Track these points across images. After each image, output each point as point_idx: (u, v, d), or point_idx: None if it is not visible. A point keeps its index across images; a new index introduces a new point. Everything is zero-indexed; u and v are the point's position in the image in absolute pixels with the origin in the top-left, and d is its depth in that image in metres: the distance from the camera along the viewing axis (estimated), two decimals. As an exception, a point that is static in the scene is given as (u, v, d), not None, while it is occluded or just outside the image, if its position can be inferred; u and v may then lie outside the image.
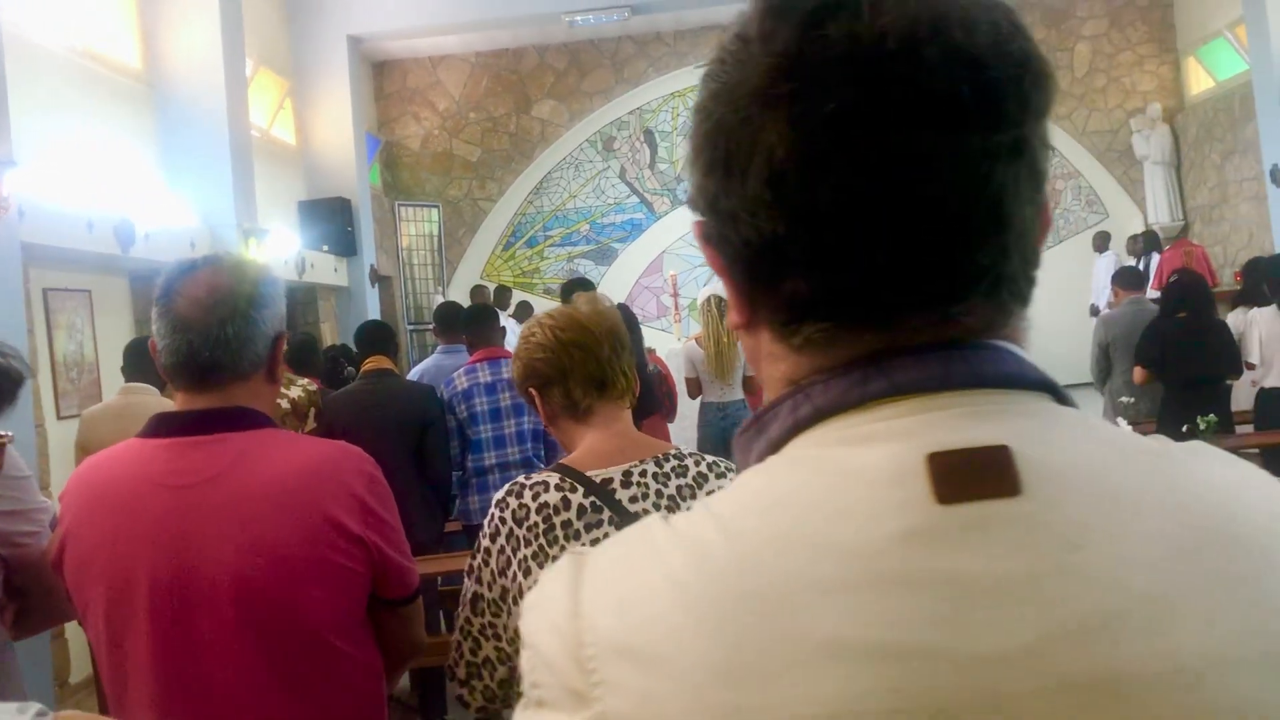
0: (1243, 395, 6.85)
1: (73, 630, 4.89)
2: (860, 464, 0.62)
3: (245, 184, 8.81)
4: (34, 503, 2.12)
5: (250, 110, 9.46)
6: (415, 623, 1.97)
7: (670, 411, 6.65)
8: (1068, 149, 14.13)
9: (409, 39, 13.15)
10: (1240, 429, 6.58)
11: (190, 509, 1.73)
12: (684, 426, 7.30)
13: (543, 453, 4.97)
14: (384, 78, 14.32)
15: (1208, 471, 0.65)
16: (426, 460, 4.96)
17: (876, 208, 0.61)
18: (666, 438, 6.00)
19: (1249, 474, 0.67)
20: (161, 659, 1.74)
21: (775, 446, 0.67)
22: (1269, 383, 6.58)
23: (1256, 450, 6.45)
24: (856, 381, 0.65)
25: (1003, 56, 0.62)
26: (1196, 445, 0.68)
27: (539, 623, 0.66)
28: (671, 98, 14.34)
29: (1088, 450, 0.64)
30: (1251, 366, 6.64)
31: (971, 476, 0.61)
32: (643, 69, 14.23)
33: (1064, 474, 0.62)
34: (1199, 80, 13.59)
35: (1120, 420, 6.76)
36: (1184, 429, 5.74)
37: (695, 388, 6.86)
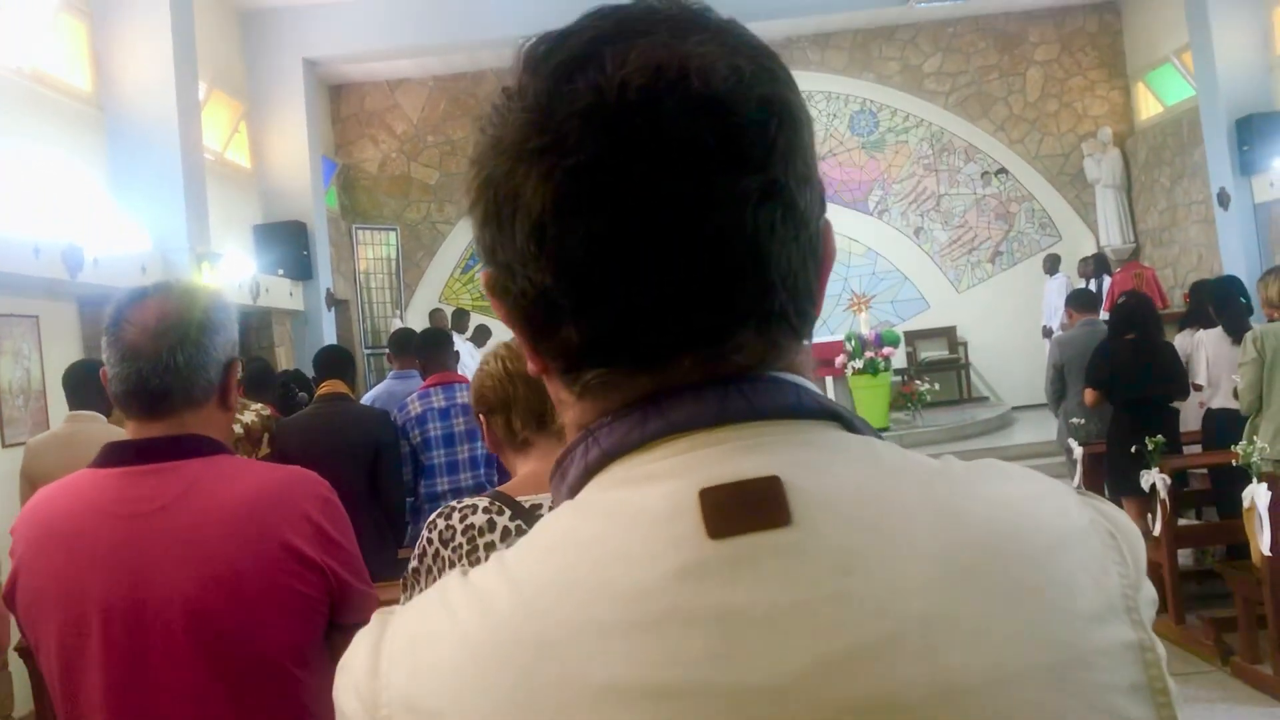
0: (1191, 416, 6.95)
1: (16, 664, 4.78)
2: (640, 504, 0.63)
3: (198, 208, 8.72)
4: None
5: (204, 133, 9.37)
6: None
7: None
8: (1021, 173, 14.33)
9: (366, 62, 13.12)
10: (1188, 449, 6.67)
11: (143, 538, 1.71)
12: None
13: (496, 478, 4.92)
14: (341, 101, 14.26)
15: (991, 489, 0.66)
16: (379, 486, 4.91)
17: (629, 254, 0.62)
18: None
19: (1042, 489, 0.67)
20: (116, 690, 1.71)
21: (572, 491, 0.68)
22: (1216, 403, 6.67)
23: (1205, 470, 6.54)
24: (636, 422, 0.66)
25: (745, 102, 0.63)
26: (985, 464, 0.68)
27: (344, 684, 0.67)
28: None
29: (864, 476, 0.64)
30: (1199, 388, 6.74)
31: (742, 509, 0.61)
32: (600, 93, 14.26)
33: (837, 501, 0.62)
34: (1148, 105, 13.86)
35: (1072, 442, 6.83)
36: (1133, 450, 5.79)
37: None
